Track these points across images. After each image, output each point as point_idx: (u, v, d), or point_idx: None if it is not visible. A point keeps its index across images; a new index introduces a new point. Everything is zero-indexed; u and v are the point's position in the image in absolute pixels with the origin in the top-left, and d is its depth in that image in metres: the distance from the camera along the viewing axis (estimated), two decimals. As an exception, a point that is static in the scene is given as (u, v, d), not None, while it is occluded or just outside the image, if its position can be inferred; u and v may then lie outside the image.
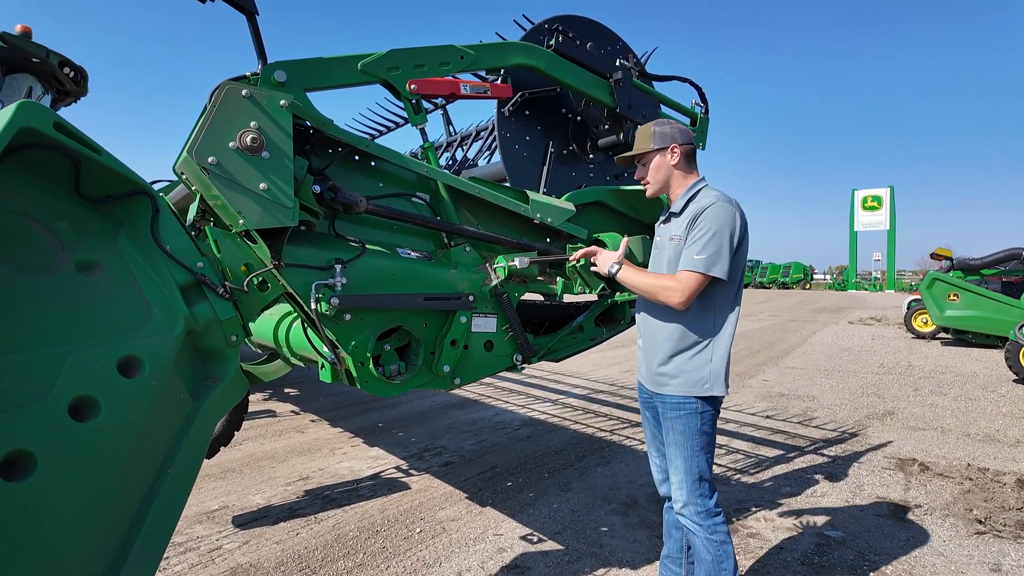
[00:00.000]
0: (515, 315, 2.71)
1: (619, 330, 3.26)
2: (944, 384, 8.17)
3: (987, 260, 11.32)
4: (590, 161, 3.53)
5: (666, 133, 2.30)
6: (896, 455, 5.04)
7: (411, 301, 2.38)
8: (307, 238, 2.23)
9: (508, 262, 2.63)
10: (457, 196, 2.65)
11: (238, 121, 1.94)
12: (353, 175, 2.46)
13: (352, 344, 2.29)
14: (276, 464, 4.83)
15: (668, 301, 2.17)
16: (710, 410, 2.22)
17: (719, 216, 2.13)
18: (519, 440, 5.41)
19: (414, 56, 2.50)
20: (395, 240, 2.53)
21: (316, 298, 2.15)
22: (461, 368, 2.59)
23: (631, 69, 3.25)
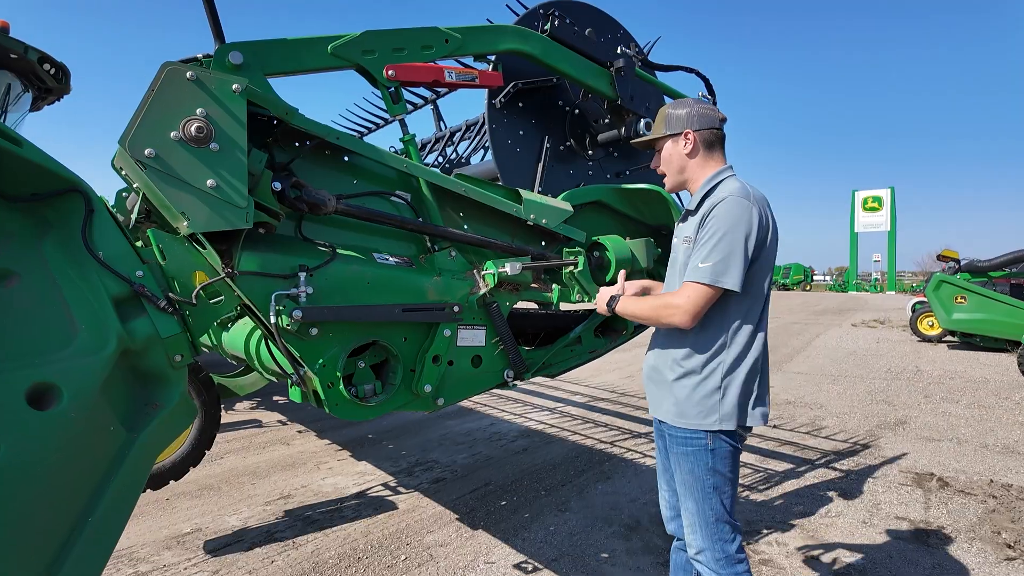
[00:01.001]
0: (506, 327, 2.44)
1: (621, 341, 3.00)
2: (955, 390, 7.91)
3: (995, 262, 11.07)
4: (589, 158, 3.27)
5: (679, 116, 1.98)
6: (912, 469, 4.77)
7: (388, 313, 2.11)
8: (267, 242, 1.96)
9: (498, 268, 2.37)
10: (442, 195, 2.39)
11: (182, 108, 1.67)
12: (324, 172, 2.20)
13: (319, 362, 2.02)
14: (257, 480, 4.56)
15: (673, 322, 1.86)
16: (725, 446, 1.87)
17: (730, 213, 1.79)
18: (515, 453, 5.14)
19: (392, 39, 2.23)
20: (371, 244, 2.26)
21: (276, 310, 1.88)
22: (445, 386, 2.32)
23: (634, 58, 2.99)
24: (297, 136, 2.08)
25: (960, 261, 11.43)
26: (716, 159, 1.99)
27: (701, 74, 3.33)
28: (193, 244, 1.86)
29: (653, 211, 3.00)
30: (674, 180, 2.05)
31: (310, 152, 2.11)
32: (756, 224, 1.80)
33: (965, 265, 11.34)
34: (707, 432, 1.86)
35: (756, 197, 1.85)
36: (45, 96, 7.61)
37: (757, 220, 1.80)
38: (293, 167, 2.08)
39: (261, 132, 2.03)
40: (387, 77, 2.22)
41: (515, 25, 2.62)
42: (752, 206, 1.81)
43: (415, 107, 4.32)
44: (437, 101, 4.23)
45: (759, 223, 1.81)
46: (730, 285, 1.77)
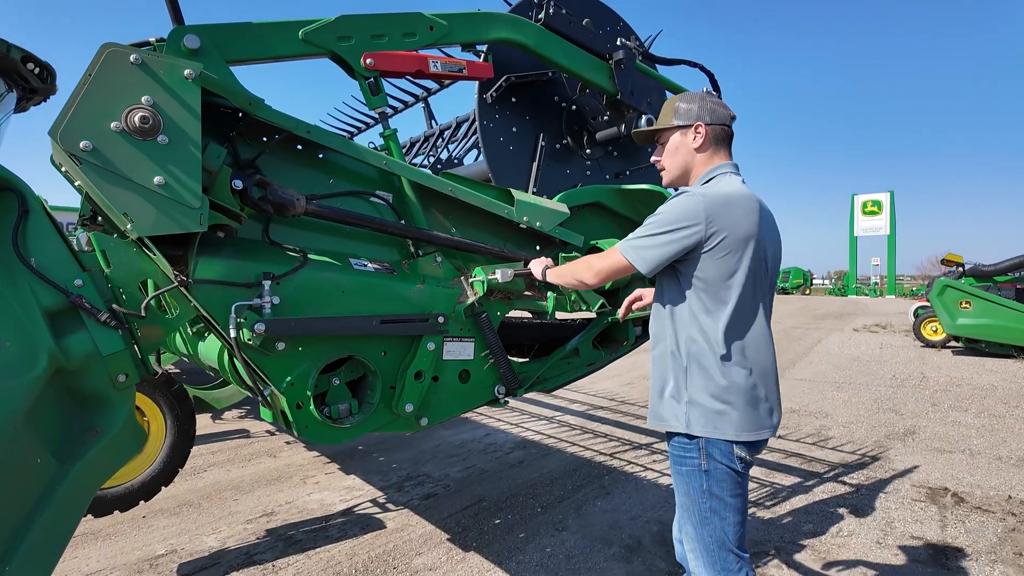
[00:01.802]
0: (496, 338, 2.25)
1: (621, 352, 2.80)
2: (963, 398, 7.71)
3: (1000, 266, 10.89)
4: (587, 157, 3.08)
5: (691, 109, 1.84)
6: (925, 483, 4.57)
7: (364, 325, 1.91)
8: (227, 247, 1.77)
9: (488, 275, 2.17)
10: (426, 196, 2.20)
11: (124, 95, 1.48)
12: (296, 169, 2.01)
13: (287, 380, 1.82)
14: (240, 496, 4.35)
15: (580, 278, 1.88)
16: (721, 466, 1.69)
17: (675, 202, 1.71)
18: (510, 466, 4.93)
19: (371, 24, 2.04)
20: (348, 249, 2.07)
21: (236, 323, 1.69)
22: (429, 405, 2.12)
23: (634, 50, 2.80)
24: (264, 130, 1.89)
25: (964, 265, 11.24)
26: (721, 156, 1.86)
27: (706, 68, 3.15)
28: (143, 249, 1.67)
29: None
30: (675, 174, 1.91)
31: (278, 148, 1.92)
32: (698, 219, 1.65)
33: (970, 270, 11.16)
34: (698, 445, 1.71)
35: (717, 196, 1.68)
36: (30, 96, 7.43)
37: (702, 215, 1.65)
38: (259, 164, 1.88)
39: (223, 125, 1.84)
40: (365, 66, 2.03)
41: (507, 13, 2.43)
42: (702, 201, 1.66)
43: (405, 105, 4.14)
44: (428, 99, 4.04)
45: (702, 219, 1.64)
46: (637, 263, 1.73)
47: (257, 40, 1.83)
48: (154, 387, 3.03)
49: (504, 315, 2.34)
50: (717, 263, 1.67)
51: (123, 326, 1.57)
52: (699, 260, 1.68)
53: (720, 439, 1.68)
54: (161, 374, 3.05)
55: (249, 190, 1.73)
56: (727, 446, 1.68)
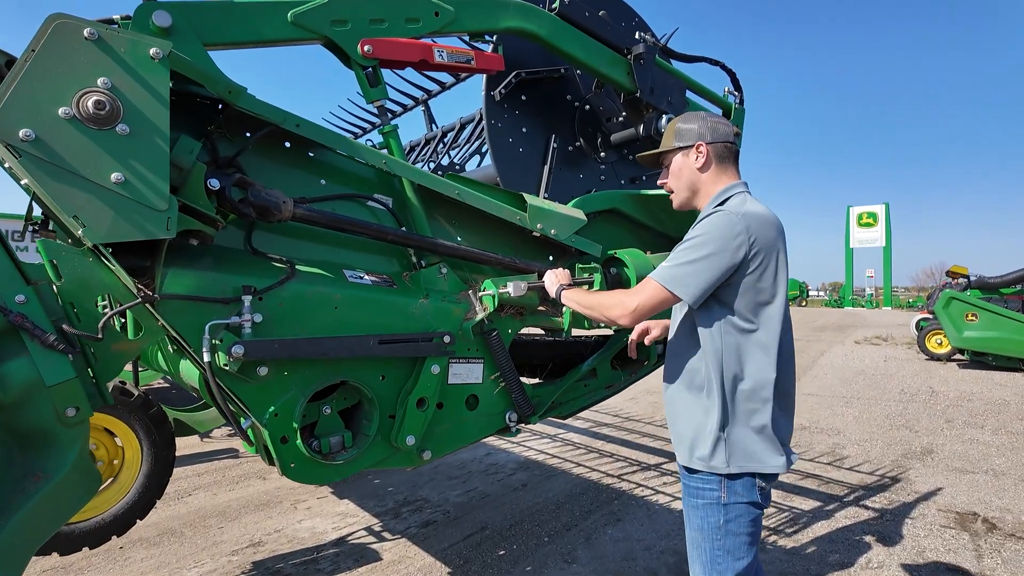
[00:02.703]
0: (508, 359, 2.01)
1: (642, 373, 2.57)
2: (976, 414, 7.50)
3: (1006, 278, 10.74)
4: (601, 160, 2.86)
5: (691, 129, 1.78)
6: (952, 507, 4.33)
7: (360, 345, 1.67)
8: (202, 257, 1.53)
9: (499, 288, 1.94)
10: (430, 200, 1.97)
11: (75, 76, 1.25)
12: (284, 169, 1.78)
13: (270, 410, 1.58)
14: (226, 523, 4.07)
15: (612, 318, 1.72)
16: (740, 502, 1.60)
17: (713, 224, 1.61)
18: (513, 489, 4.66)
19: (370, 7, 1.82)
20: (342, 259, 1.83)
21: (211, 345, 1.44)
22: (433, 436, 1.88)
23: (655, 44, 2.59)
24: (247, 124, 1.66)
25: (970, 277, 11.08)
26: (728, 174, 1.79)
27: (727, 67, 2.94)
28: (102, 258, 1.42)
29: (676, 221, 2.58)
30: (683, 196, 1.84)
31: (263, 144, 1.69)
32: (739, 240, 1.58)
33: (975, 282, 11.00)
34: (719, 478, 1.61)
35: (758, 216, 1.62)
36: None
37: (744, 236, 1.58)
38: (241, 162, 1.65)
39: (200, 118, 1.61)
40: (362, 54, 1.81)
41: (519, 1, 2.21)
42: (741, 223, 1.59)
43: (404, 108, 3.92)
44: (429, 101, 3.82)
45: (744, 240, 1.58)
46: (682, 294, 1.60)
47: (239, 21, 1.61)
48: (129, 410, 2.77)
49: (516, 333, 2.11)
50: (756, 287, 1.61)
51: (74, 350, 1.32)
52: (739, 284, 1.59)
53: (743, 473, 1.60)
54: (137, 396, 2.79)
55: (228, 191, 1.49)
56: (750, 479, 1.60)
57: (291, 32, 1.70)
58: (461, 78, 3.42)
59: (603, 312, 1.75)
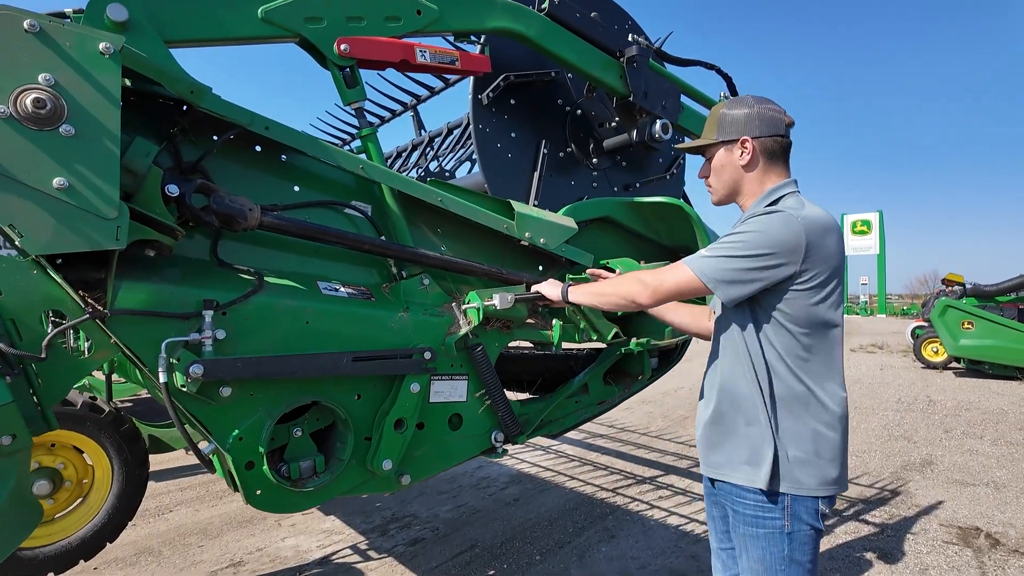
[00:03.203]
0: (494, 376, 1.90)
1: (636, 388, 2.46)
2: (975, 423, 7.41)
3: (1002, 286, 10.69)
4: (594, 167, 2.76)
5: (736, 119, 1.58)
6: (953, 522, 4.22)
7: (333, 363, 1.56)
8: (161, 268, 1.41)
9: (484, 301, 1.83)
10: (412, 207, 1.87)
11: (13, 71, 1.14)
12: (254, 174, 1.67)
13: (234, 434, 1.46)
14: (206, 541, 3.93)
15: (631, 296, 1.59)
16: (806, 527, 1.47)
17: (770, 223, 1.44)
18: (505, 504, 4.54)
19: (347, 4, 1.72)
20: (316, 270, 1.72)
21: (167, 365, 1.33)
22: (412, 459, 1.77)
23: (648, 47, 2.51)
24: (215, 126, 1.55)
25: (966, 285, 11.04)
26: (777, 172, 1.60)
27: (722, 71, 2.86)
28: (49, 269, 1.31)
29: (672, 230, 2.49)
30: (723, 193, 1.66)
31: (231, 148, 1.59)
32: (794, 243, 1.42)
33: (971, 290, 10.95)
34: (781, 502, 1.48)
35: (816, 220, 1.46)
36: None
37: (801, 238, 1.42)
38: (207, 168, 1.54)
39: (164, 119, 1.50)
40: (339, 53, 1.71)
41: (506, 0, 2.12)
42: (801, 226, 1.43)
43: (393, 113, 3.82)
44: (418, 106, 3.72)
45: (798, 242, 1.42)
46: (720, 293, 1.47)
47: (204, 16, 1.51)
48: (99, 427, 2.64)
49: (503, 347, 2.00)
50: (812, 300, 1.46)
51: (13, 371, 1.21)
52: (786, 293, 1.44)
53: (807, 495, 1.46)
54: (108, 412, 2.66)
55: (188, 197, 1.38)
56: (813, 503, 1.47)
57: (262, 29, 1.60)
58: (450, 82, 3.34)
59: (620, 292, 1.62)
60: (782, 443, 1.46)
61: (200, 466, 5.48)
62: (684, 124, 2.70)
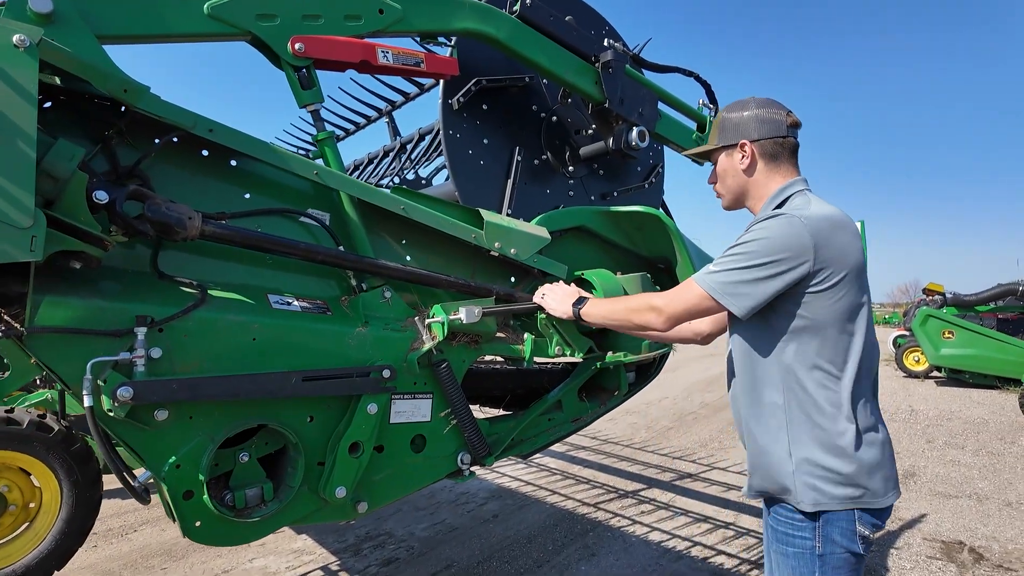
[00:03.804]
0: (460, 394, 1.80)
1: (612, 404, 2.37)
2: (956, 434, 7.43)
3: (981, 296, 10.79)
4: (569, 175, 2.68)
5: (735, 123, 1.57)
6: (937, 536, 4.18)
7: (280, 384, 1.45)
8: (91, 281, 1.30)
9: (449, 315, 1.73)
10: (374, 216, 1.77)
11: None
12: (202, 180, 1.56)
13: (170, 461, 1.35)
14: (170, 563, 3.76)
15: (644, 324, 1.58)
16: (840, 549, 1.37)
17: (771, 225, 1.41)
18: (483, 521, 4.41)
19: (303, 1, 1.62)
20: (269, 282, 1.62)
21: (93, 387, 1.21)
22: (370, 484, 1.66)
23: (625, 53, 2.44)
24: (157, 128, 1.45)
25: (946, 295, 11.13)
26: (783, 172, 1.56)
27: (701, 78, 2.81)
28: (-41, 285, 1.19)
29: (649, 239, 2.41)
30: (730, 199, 1.64)
31: (176, 152, 1.48)
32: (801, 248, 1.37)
33: (951, 299, 11.04)
34: (813, 521, 1.39)
35: (820, 217, 1.40)
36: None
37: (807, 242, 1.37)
38: (148, 174, 1.44)
39: (99, 121, 1.39)
40: (293, 53, 1.61)
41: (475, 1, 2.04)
42: (804, 227, 1.38)
43: (368, 120, 3.71)
44: (392, 113, 3.63)
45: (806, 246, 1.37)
46: (733, 307, 1.42)
47: (143, 11, 1.40)
48: (47, 447, 2.49)
49: (471, 363, 1.90)
50: (830, 301, 1.40)
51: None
52: (802, 296, 1.39)
53: (840, 510, 1.37)
54: (58, 430, 2.51)
55: (119, 205, 1.27)
56: (849, 522, 1.37)
57: (208, 26, 1.50)
58: (426, 88, 3.24)
59: (635, 321, 1.60)
60: (811, 456, 1.39)
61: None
62: (662, 132, 2.63)
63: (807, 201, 1.45)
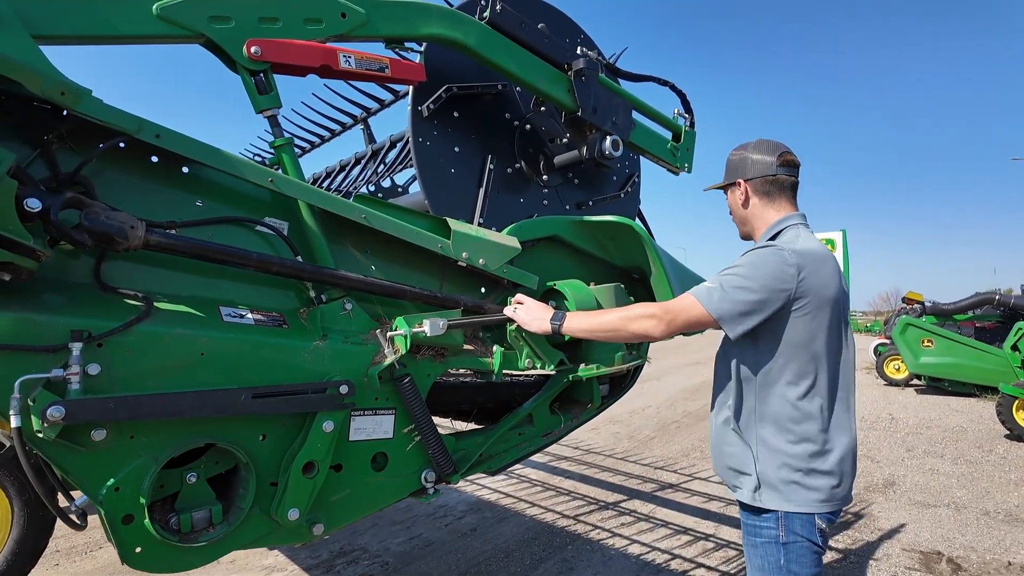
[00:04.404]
0: (425, 409, 1.74)
1: (585, 417, 2.32)
2: (935, 442, 7.47)
3: (959, 305, 10.92)
4: (544, 184, 2.64)
5: (735, 164, 1.79)
6: (915, 546, 4.17)
7: (228, 402, 1.38)
8: (24, 294, 1.23)
9: (412, 327, 1.68)
10: (335, 225, 1.71)
11: None
12: (151, 188, 1.49)
13: (108, 484, 1.27)
14: (134, 582, 3.63)
15: (641, 332, 1.66)
16: (800, 539, 1.56)
17: (763, 256, 1.58)
18: (461, 535, 4.33)
19: (259, 3, 1.57)
20: (223, 294, 1.55)
21: (21, 406, 1.14)
22: (327, 505, 1.59)
23: (598, 61, 2.41)
24: (100, 134, 1.38)
25: (925, 304, 11.26)
26: (778, 207, 1.75)
27: (676, 88, 2.79)
28: None
29: (623, 249, 2.38)
30: (741, 230, 1.86)
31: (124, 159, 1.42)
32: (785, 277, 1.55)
33: (930, 308, 11.17)
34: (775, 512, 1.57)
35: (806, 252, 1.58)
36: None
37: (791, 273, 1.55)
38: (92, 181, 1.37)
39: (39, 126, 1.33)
40: (249, 56, 1.55)
41: (444, 6, 2.00)
42: (790, 261, 1.56)
43: (343, 127, 3.66)
44: (368, 120, 3.57)
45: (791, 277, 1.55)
46: (729, 330, 1.57)
47: (85, 11, 1.34)
48: (-1, 465, 2.39)
49: (436, 377, 1.84)
50: (809, 325, 1.57)
51: None
52: (786, 320, 1.56)
53: (799, 512, 1.57)
54: (8, 447, 2.41)
55: (53, 213, 1.21)
56: (808, 517, 1.57)
57: (157, 28, 1.44)
58: (400, 95, 3.20)
59: (631, 329, 1.67)
60: (773, 461, 1.57)
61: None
62: (636, 141, 2.61)
63: (797, 235, 1.63)
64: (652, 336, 1.66)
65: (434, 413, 2.26)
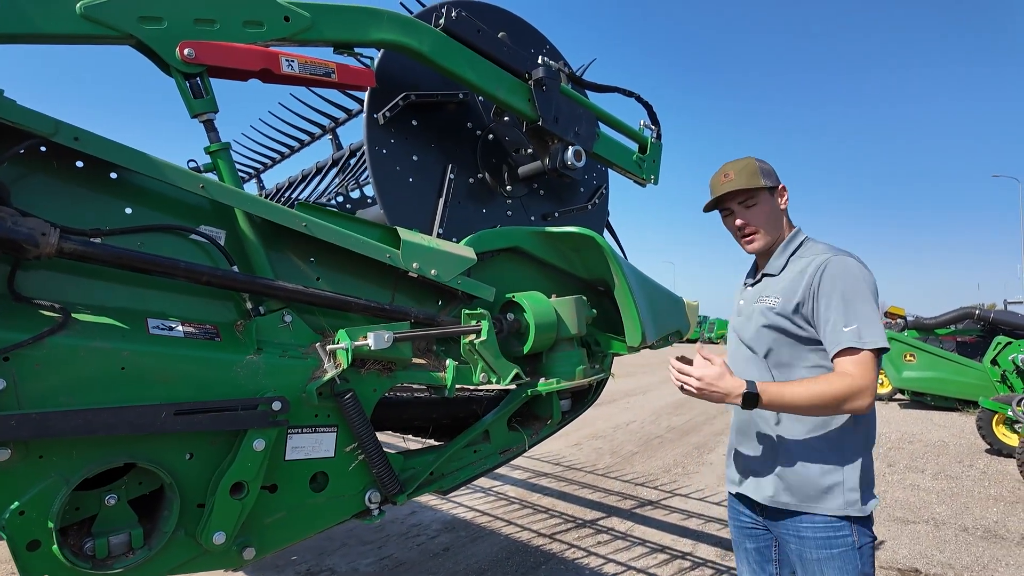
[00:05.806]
0: (368, 427, 1.67)
1: (545, 434, 2.26)
2: (917, 456, 7.46)
3: (941, 319, 10.99)
4: (508, 195, 2.60)
5: (767, 170, 1.81)
6: (894, 563, 4.12)
7: (148, 418, 1.31)
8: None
9: (354, 341, 1.61)
10: (276, 234, 1.65)
11: None
12: (78, 194, 1.43)
13: (13, 507, 1.19)
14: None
15: (858, 406, 1.57)
16: (869, 541, 1.66)
17: (848, 270, 1.65)
18: (433, 556, 4.22)
19: (194, 4, 1.52)
20: (152, 305, 1.48)
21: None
22: (259, 528, 1.51)
23: (560, 70, 2.38)
24: (14, 136, 1.31)
25: (907, 318, 11.32)
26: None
27: (643, 99, 2.76)
28: None
29: (586, 261, 2.33)
30: (769, 239, 1.81)
31: (46, 163, 1.36)
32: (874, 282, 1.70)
33: (912, 322, 11.23)
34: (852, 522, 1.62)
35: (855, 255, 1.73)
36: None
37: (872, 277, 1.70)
38: (8, 186, 1.30)
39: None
40: (182, 59, 1.50)
41: (396, 12, 1.96)
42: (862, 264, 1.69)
43: (312, 136, 3.60)
44: (337, 129, 3.52)
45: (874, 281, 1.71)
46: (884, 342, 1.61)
47: (6, 10, 1.28)
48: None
49: (384, 392, 1.77)
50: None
51: None
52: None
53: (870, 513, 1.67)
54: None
55: (-48, 218, 1.14)
56: (871, 517, 1.68)
57: (82, 28, 1.38)
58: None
59: (840, 401, 1.55)
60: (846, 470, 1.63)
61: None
62: (600, 152, 2.58)
63: (823, 243, 1.77)
64: (865, 404, 1.57)
65: (388, 430, 2.19)
